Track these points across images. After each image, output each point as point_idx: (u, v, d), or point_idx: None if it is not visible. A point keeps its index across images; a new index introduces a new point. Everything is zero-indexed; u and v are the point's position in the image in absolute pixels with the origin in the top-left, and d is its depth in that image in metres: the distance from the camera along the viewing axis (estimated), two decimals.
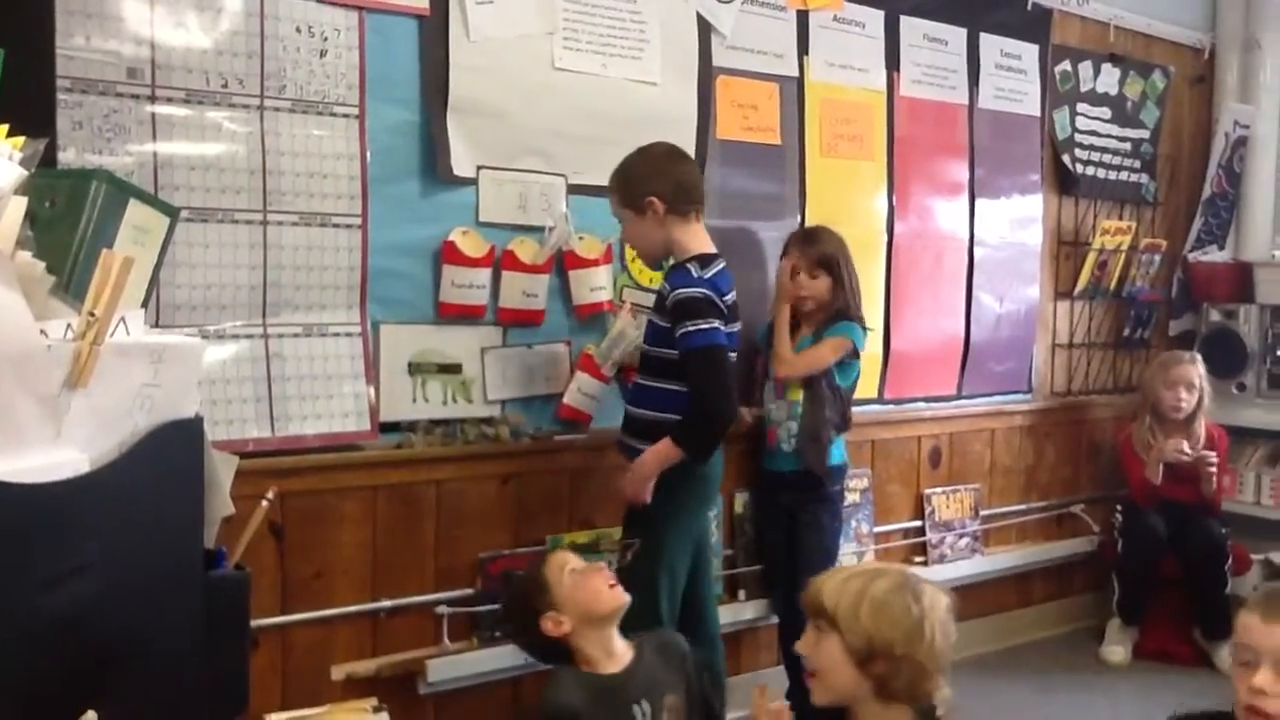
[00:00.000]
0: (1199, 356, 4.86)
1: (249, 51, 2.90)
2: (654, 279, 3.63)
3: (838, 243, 3.71)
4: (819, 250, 3.68)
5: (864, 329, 3.75)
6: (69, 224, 1.62)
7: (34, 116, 2.03)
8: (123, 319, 1.55)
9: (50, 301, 1.52)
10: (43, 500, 1.45)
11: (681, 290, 3.10)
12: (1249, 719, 2.04)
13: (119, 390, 1.58)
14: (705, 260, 3.18)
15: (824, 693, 2.17)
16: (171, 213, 1.83)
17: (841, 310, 3.69)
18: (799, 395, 3.69)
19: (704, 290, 3.09)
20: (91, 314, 1.47)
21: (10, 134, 1.62)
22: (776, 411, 3.75)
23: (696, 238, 3.24)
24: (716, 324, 3.09)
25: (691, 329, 3.07)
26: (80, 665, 1.54)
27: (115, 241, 1.67)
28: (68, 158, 2.61)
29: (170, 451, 1.65)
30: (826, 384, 3.69)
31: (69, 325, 1.50)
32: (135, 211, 1.70)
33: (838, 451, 3.79)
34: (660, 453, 3.13)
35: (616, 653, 2.65)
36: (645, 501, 3.17)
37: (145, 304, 1.72)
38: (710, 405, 3.12)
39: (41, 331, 1.47)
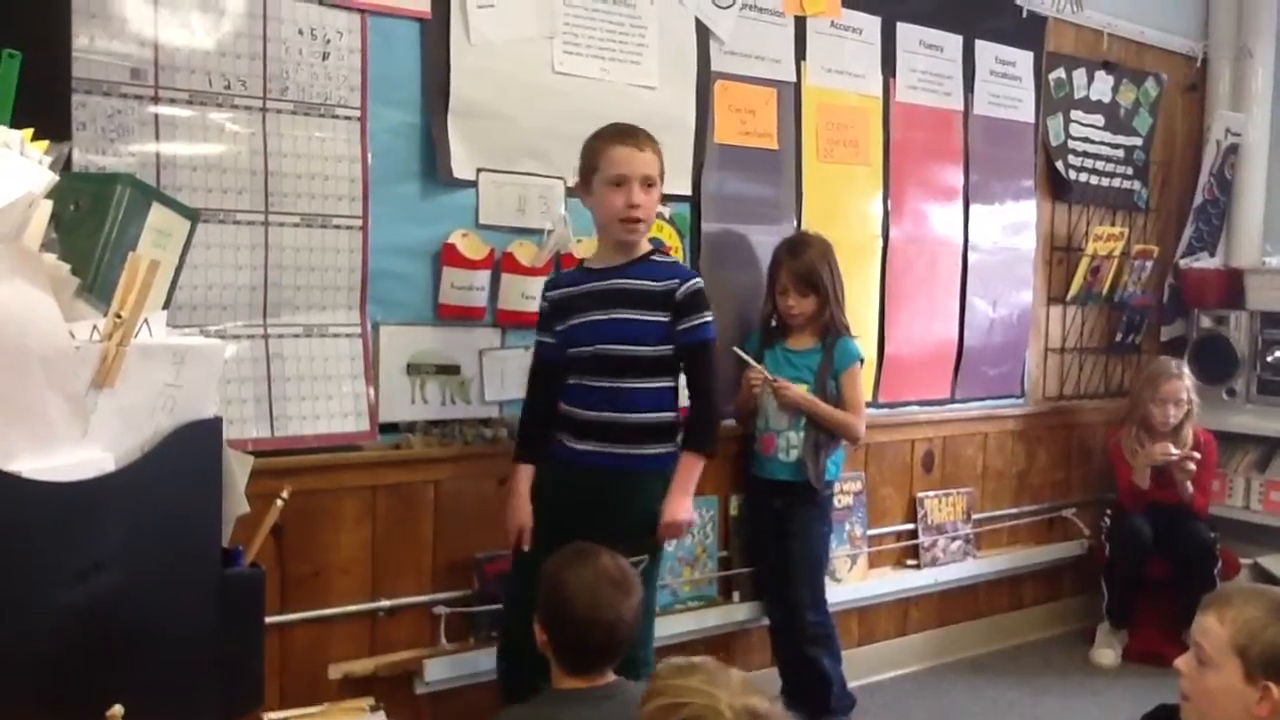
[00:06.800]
0: (1186, 369, 4.85)
1: (252, 53, 2.90)
2: None
3: (821, 254, 3.71)
4: (806, 268, 3.69)
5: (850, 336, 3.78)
6: (92, 227, 1.62)
7: (51, 119, 2.03)
8: (146, 320, 1.57)
9: (75, 303, 1.53)
10: (70, 498, 1.48)
11: (694, 281, 3.07)
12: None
13: (143, 390, 1.60)
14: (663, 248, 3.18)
15: None
16: (192, 216, 1.84)
17: (829, 321, 3.72)
18: None
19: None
20: (119, 315, 1.49)
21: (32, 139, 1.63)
22: (776, 420, 3.74)
23: None
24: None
25: (700, 321, 3.05)
26: (100, 659, 1.56)
27: (138, 244, 1.68)
28: (73, 159, 2.60)
29: (191, 451, 1.67)
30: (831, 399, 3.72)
31: (95, 326, 1.51)
32: (157, 215, 1.72)
33: (835, 466, 3.82)
34: (690, 474, 3.08)
35: None
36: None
37: (166, 306, 1.73)
38: (717, 400, 3.16)
39: (69, 332, 1.48)
